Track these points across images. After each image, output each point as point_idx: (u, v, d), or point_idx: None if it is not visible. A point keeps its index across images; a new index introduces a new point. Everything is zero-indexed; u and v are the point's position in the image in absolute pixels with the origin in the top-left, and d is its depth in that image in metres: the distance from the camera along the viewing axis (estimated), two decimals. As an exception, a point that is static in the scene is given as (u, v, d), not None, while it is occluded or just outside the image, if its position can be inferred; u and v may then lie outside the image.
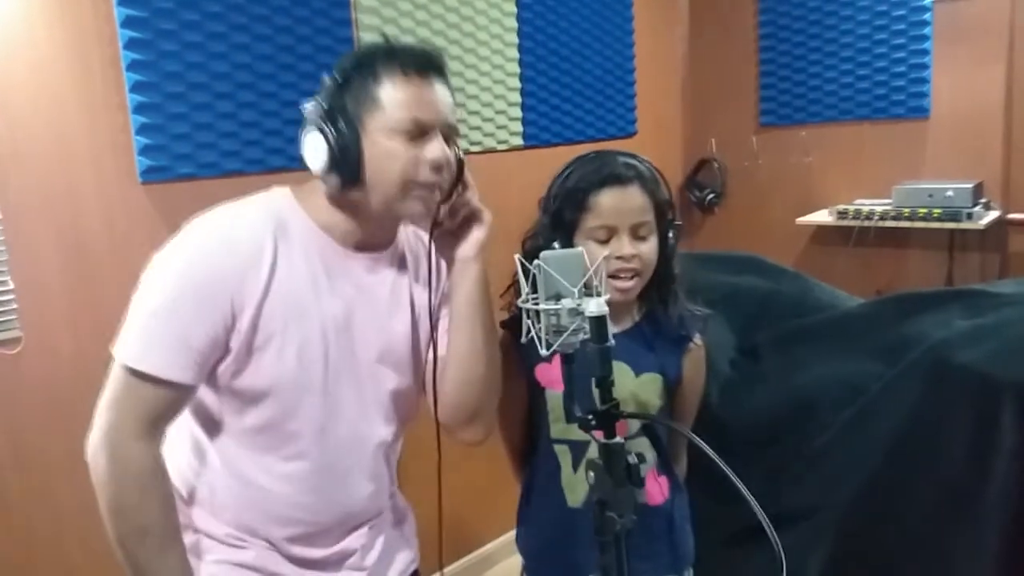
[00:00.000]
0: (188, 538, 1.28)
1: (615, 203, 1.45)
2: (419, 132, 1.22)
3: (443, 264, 1.39)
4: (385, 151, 1.21)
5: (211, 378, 1.23)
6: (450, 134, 1.27)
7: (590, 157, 1.52)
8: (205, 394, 1.25)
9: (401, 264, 1.37)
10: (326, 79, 1.25)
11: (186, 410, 1.25)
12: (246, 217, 1.24)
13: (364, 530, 1.38)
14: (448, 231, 1.34)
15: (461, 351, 1.34)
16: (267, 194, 1.30)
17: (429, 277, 1.36)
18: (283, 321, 1.22)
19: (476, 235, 1.34)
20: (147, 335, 1.17)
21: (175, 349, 1.16)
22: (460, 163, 1.30)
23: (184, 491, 1.31)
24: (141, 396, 1.17)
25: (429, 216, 1.29)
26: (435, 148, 1.23)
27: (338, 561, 1.36)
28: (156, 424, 1.19)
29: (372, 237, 1.31)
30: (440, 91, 1.26)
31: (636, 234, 1.46)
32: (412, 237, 1.42)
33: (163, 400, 1.18)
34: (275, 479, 1.27)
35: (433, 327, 1.37)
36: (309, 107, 1.24)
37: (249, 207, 1.26)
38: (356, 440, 1.32)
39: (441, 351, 1.37)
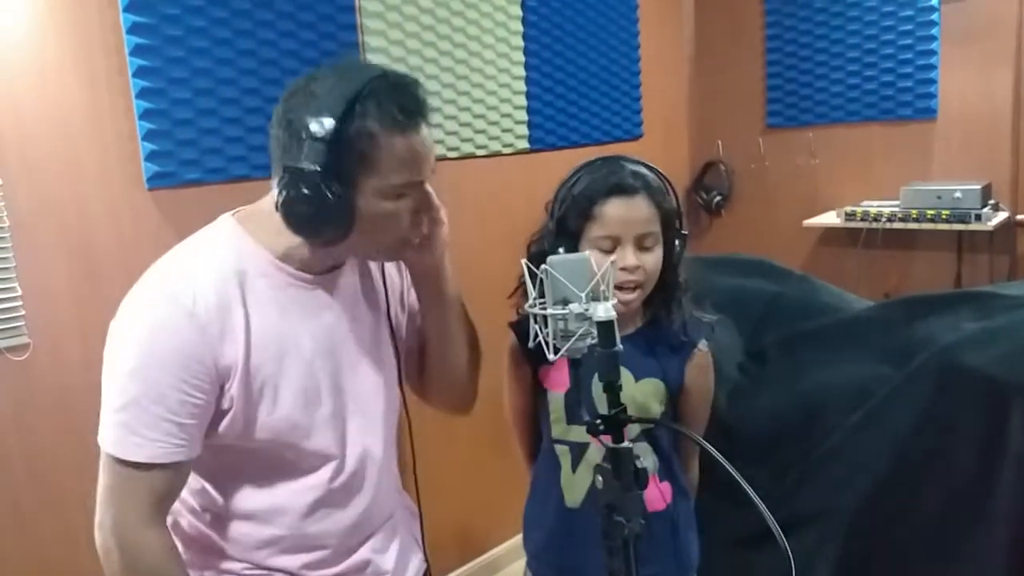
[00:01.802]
0: None
1: (621, 214, 1.44)
2: (412, 190, 1.19)
3: (403, 266, 1.39)
4: (383, 212, 1.16)
5: (213, 434, 1.19)
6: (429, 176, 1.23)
7: (598, 164, 1.50)
8: (208, 445, 1.20)
9: (363, 270, 1.35)
10: (307, 128, 1.11)
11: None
12: (203, 275, 1.16)
13: (379, 536, 1.37)
14: None
15: (434, 340, 1.37)
16: (214, 234, 1.22)
17: (387, 280, 1.37)
18: (271, 369, 1.19)
19: (436, 234, 1.29)
20: (132, 423, 1.12)
21: (165, 432, 1.12)
22: None
23: (195, 537, 1.29)
24: (140, 484, 1.14)
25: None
26: (427, 200, 1.22)
27: (358, 571, 1.34)
28: (161, 506, 1.17)
29: (333, 260, 1.28)
30: (429, 137, 1.19)
31: (641, 245, 1.45)
32: None
33: (163, 482, 1.15)
34: (291, 515, 1.26)
35: (406, 325, 1.39)
36: (293, 165, 1.12)
37: (201, 260, 1.18)
38: (365, 458, 1.31)
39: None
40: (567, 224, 1.47)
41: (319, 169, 1.10)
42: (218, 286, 1.15)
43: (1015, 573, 1.53)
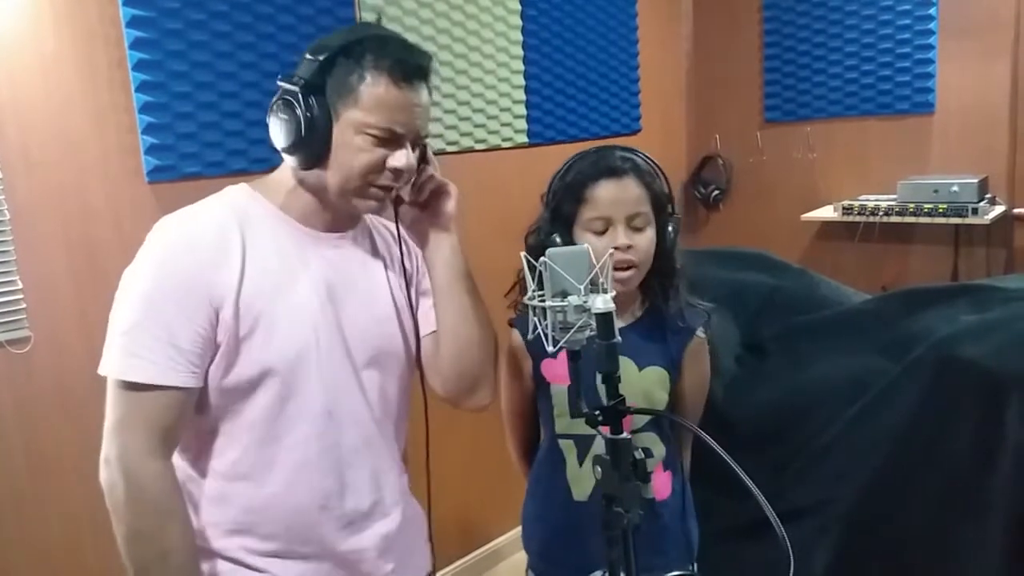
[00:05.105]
0: (215, 565, 1.26)
1: (611, 195, 1.47)
2: (391, 139, 1.22)
3: (414, 246, 1.40)
4: (353, 145, 1.21)
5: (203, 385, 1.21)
6: (418, 141, 1.27)
7: (589, 152, 1.54)
8: (198, 405, 1.23)
9: (371, 246, 1.38)
10: (306, 56, 1.22)
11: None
12: (207, 212, 1.24)
13: (385, 524, 1.36)
14: (417, 209, 1.35)
15: (451, 320, 1.35)
16: (222, 192, 1.30)
17: (402, 257, 1.37)
18: (266, 304, 1.21)
19: (446, 207, 1.35)
20: (134, 345, 1.15)
21: (165, 353, 1.15)
22: (423, 145, 1.31)
23: (195, 510, 1.27)
24: (144, 410, 1.15)
25: (381, 212, 1.31)
26: (400, 157, 1.22)
27: (356, 561, 1.33)
28: (166, 438, 1.18)
29: (333, 218, 1.31)
30: (421, 98, 1.24)
31: (632, 225, 1.48)
32: (378, 222, 1.42)
33: (167, 409, 1.16)
34: (285, 469, 1.25)
35: (414, 306, 1.37)
36: (286, 82, 1.22)
37: (207, 204, 1.26)
38: (360, 416, 1.31)
39: (432, 327, 1.38)
40: (561, 211, 1.50)
41: (307, 83, 1.19)
42: (220, 221, 1.23)
43: (1012, 563, 1.54)
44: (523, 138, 3.08)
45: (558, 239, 1.46)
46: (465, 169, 2.80)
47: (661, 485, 1.57)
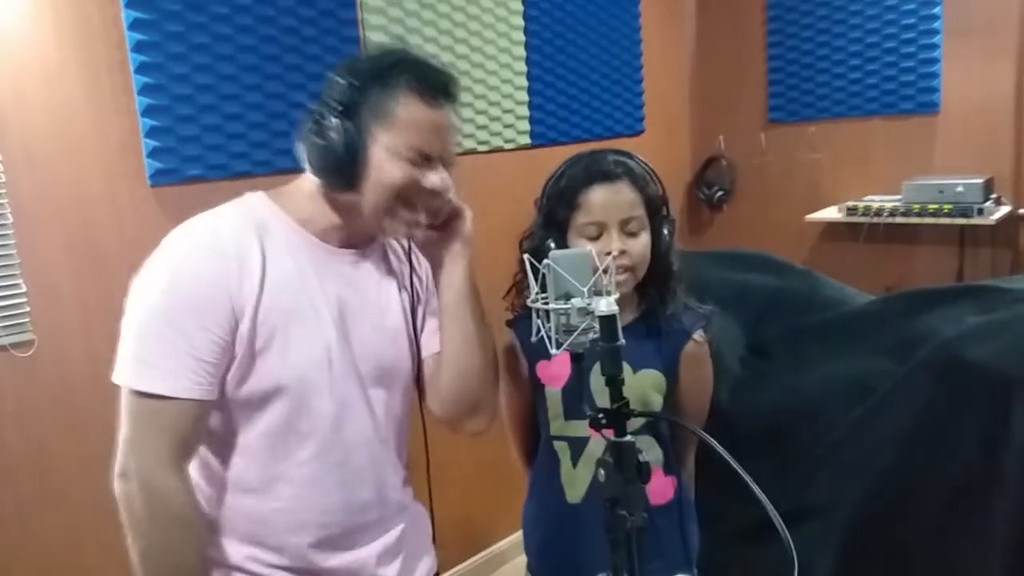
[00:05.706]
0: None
1: (604, 199, 1.46)
2: (422, 161, 1.23)
3: (426, 264, 1.40)
4: (387, 167, 1.22)
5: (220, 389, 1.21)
6: (448, 163, 1.29)
7: (582, 156, 1.53)
8: (212, 414, 1.23)
9: (386, 264, 1.38)
10: (339, 80, 1.23)
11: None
12: (225, 222, 1.22)
13: (386, 538, 1.36)
14: (432, 231, 1.35)
15: (455, 344, 1.35)
16: (240, 200, 1.29)
17: (411, 277, 1.37)
18: (282, 318, 1.21)
19: (460, 232, 1.36)
20: (149, 355, 1.14)
21: (184, 364, 1.14)
22: None
23: (202, 520, 1.27)
24: (161, 422, 1.14)
25: (408, 237, 1.32)
26: (434, 177, 1.24)
27: (360, 569, 1.33)
28: (183, 450, 1.17)
29: (353, 235, 1.31)
30: (451, 120, 1.27)
31: (625, 229, 1.47)
32: (394, 240, 1.42)
33: (184, 421, 1.15)
34: (292, 485, 1.25)
35: (418, 326, 1.37)
36: (318, 105, 1.23)
37: (225, 213, 1.25)
38: (366, 434, 1.31)
39: (436, 348, 1.38)
40: (555, 216, 1.50)
41: (341, 107, 1.20)
42: (239, 231, 1.21)
43: (1017, 565, 1.53)
44: (526, 139, 3.07)
45: (552, 244, 1.45)
46: (467, 170, 2.78)
47: (659, 490, 1.56)
